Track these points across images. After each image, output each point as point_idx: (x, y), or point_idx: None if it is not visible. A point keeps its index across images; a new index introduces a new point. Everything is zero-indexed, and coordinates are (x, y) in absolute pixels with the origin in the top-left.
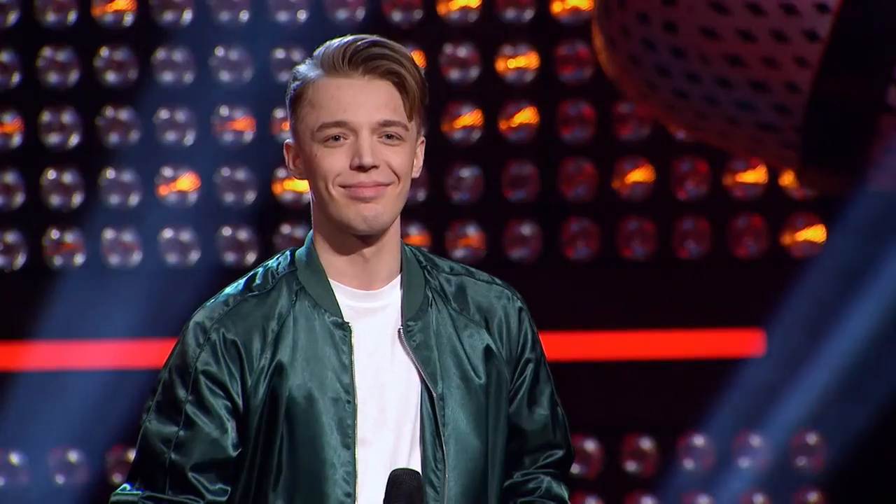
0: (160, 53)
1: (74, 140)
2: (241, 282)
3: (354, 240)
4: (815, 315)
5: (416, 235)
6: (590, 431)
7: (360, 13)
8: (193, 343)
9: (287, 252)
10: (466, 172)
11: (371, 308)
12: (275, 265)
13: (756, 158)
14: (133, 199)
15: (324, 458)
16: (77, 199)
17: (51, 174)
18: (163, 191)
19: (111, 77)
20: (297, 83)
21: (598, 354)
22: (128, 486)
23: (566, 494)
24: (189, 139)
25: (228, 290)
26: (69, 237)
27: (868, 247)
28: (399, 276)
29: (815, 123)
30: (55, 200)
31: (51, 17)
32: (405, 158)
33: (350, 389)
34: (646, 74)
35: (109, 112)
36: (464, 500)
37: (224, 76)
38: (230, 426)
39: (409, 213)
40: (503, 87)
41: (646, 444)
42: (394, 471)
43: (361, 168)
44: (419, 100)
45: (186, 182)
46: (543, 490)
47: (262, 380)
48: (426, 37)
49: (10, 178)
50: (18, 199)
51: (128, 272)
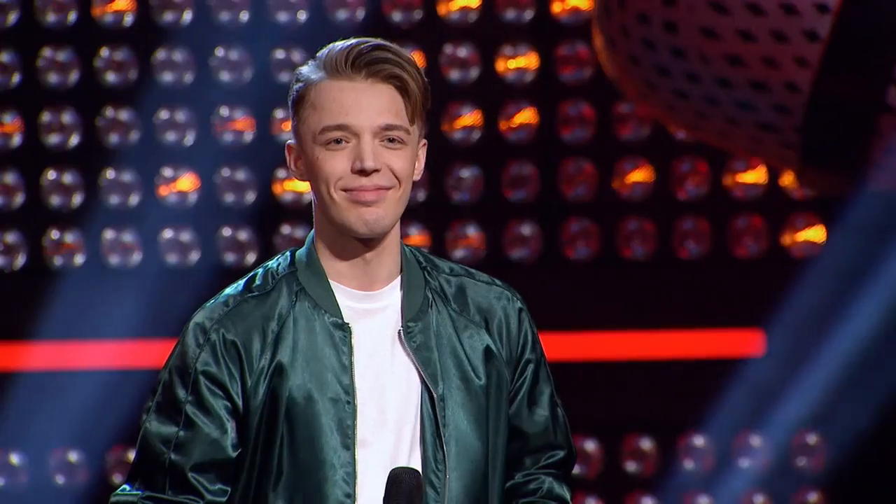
0: (160, 53)
1: (74, 140)
2: (241, 282)
3: (355, 242)
4: (815, 315)
5: (416, 236)
6: (590, 431)
7: (360, 13)
8: (193, 343)
9: (287, 253)
10: (466, 172)
11: (371, 309)
12: (275, 266)
13: (756, 158)
14: (133, 199)
15: (324, 459)
16: (77, 199)
17: (51, 174)
18: (163, 191)
19: (111, 77)
20: (300, 85)
21: (598, 354)
22: (128, 487)
23: (568, 495)
24: (189, 139)
25: (228, 291)
26: (69, 237)
27: (868, 247)
28: (399, 278)
29: (815, 123)
30: (55, 200)
31: (51, 17)
32: (407, 162)
33: (350, 390)
34: (646, 74)
35: (109, 112)
36: (465, 501)
37: (224, 76)
38: (230, 427)
39: (409, 214)
40: (503, 87)
41: (646, 444)
42: (393, 469)
43: (363, 172)
44: (421, 104)
45: (186, 182)
46: (545, 491)
47: (262, 380)
48: (426, 37)
49: (10, 178)
50: (18, 199)
51: (128, 272)
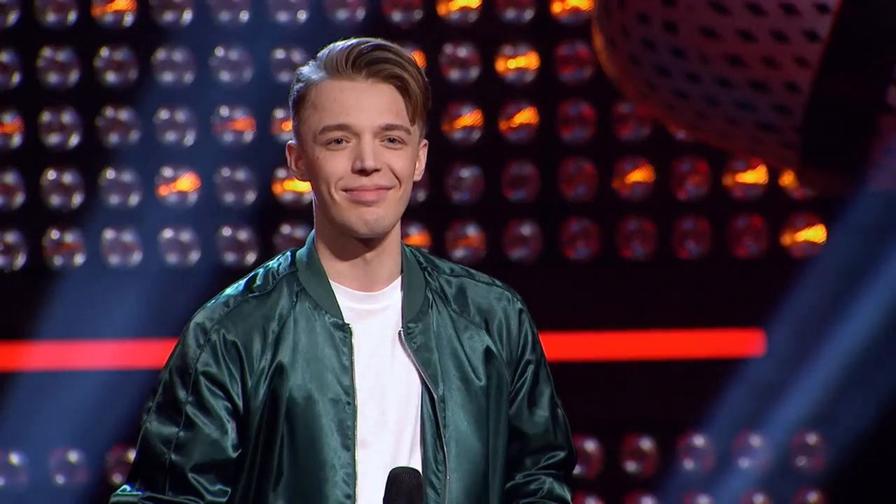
0: (160, 53)
1: (74, 140)
2: (242, 282)
3: (356, 242)
4: (815, 315)
5: (416, 236)
6: (590, 431)
7: (360, 13)
8: (194, 344)
9: (288, 253)
10: (466, 172)
11: (371, 310)
12: (275, 266)
13: (756, 158)
14: (133, 199)
15: (324, 460)
16: (77, 199)
17: (51, 174)
18: (163, 191)
19: (111, 77)
20: (301, 85)
21: (598, 354)
22: (128, 487)
23: (568, 496)
24: (189, 139)
25: (229, 291)
26: (69, 237)
27: (868, 247)
28: (399, 278)
29: (815, 123)
30: (55, 200)
31: (51, 17)
32: (407, 162)
33: (350, 391)
34: (646, 74)
35: (109, 112)
36: (465, 502)
37: (224, 76)
38: (230, 427)
39: (409, 214)
40: (503, 87)
41: (646, 444)
42: (393, 469)
43: (363, 171)
44: (422, 104)
45: (186, 182)
46: (545, 491)
47: (263, 381)
48: (426, 37)
49: (10, 178)
50: (18, 199)
51: (128, 272)
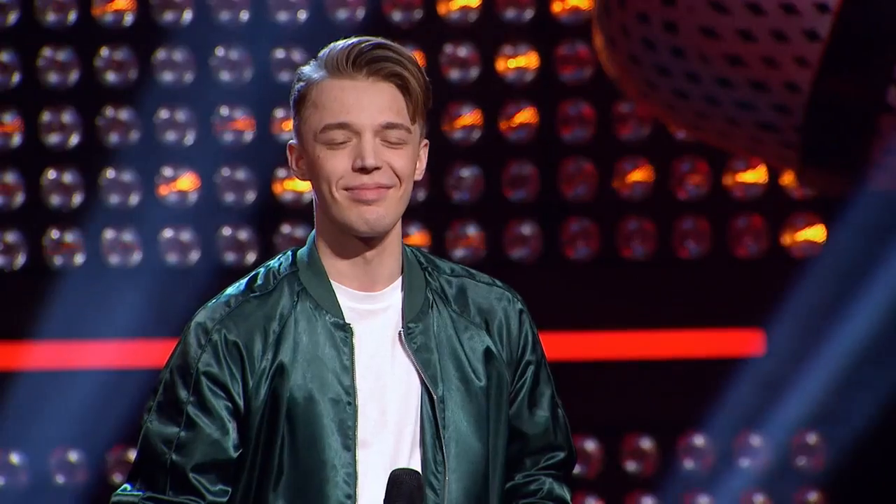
0: (160, 53)
1: (74, 140)
2: (243, 282)
3: (356, 241)
4: (815, 315)
5: (416, 235)
6: (590, 431)
7: (360, 13)
8: (195, 344)
9: (288, 252)
10: (466, 172)
11: (372, 310)
12: (276, 265)
13: (756, 158)
14: (133, 199)
15: (324, 460)
16: (77, 199)
17: (51, 174)
18: (163, 191)
19: (111, 77)
20: (301, 84)
21: (598, 354)
22: (128, 487)
23: (568, 496)
24: (189, 139)
25: (230, 291)
26: (69, 237)
27: (868, 247)
28: (400, 278)
29: (815, 123)
30: (55, 200)
31: (51, 17)
32: (408, 161)
33: (351, 391)
34: (646, 74)
35: (109, 112)
36: (464, 503)
37: (224, 76)
38: (231, 427)
39: (410, 213)
40: (503, 87)
41: (646, 444)
42: (394, 471)
43: (364, 170)
44: (422, 103)
45: (186, 182)
46: (545, 492)
47: (264, 381)
48: (426, 37)
49: (10, 178)
50: (18, 199)
51: (128, 272)
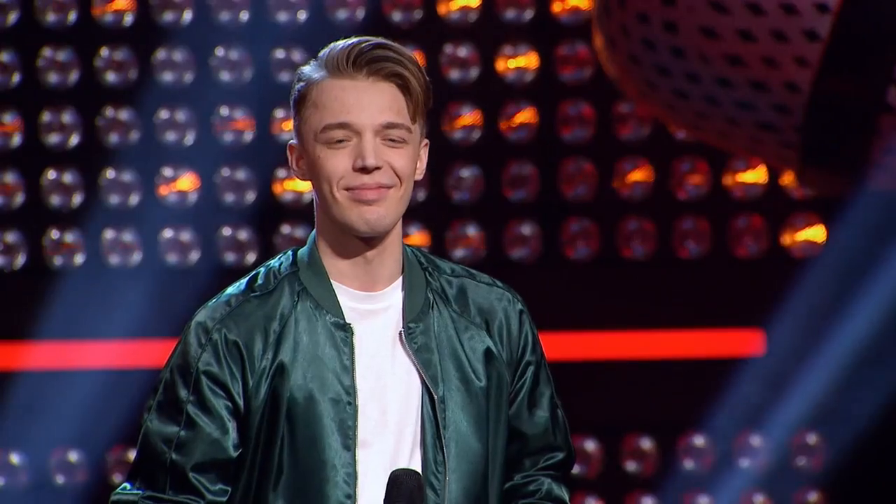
0: (160, 53)
1: (74, 140)
2: (243, 282)
3: (357, 241)
4: (816, 315)
5: (416, 236)
6: (590, 431)
7: (360, 13)
8: (195, 343)
9: (289, 252)
10: (466, 172)
11: (372, 310)
12: (277, 265)
13: (756, 158)
14: (133, 199)
15: (324, 460)
16: (77, 199)
17: (51, 174)
18: (163, 191)
19: (111, 77)
20: (301, 84)
21: (598, 354)
22: (128, 486)
23: (567, 496)
24: (189, 139)
25: (230, 290)
26: (69, 237)
27: (868, 247)
28: (400, 278)
29: (815, 123)
30: (55, 200)
31: (51, 17)
32: (408, 161)
33: (351, 391)
34: (646, 74)
35: (109, 112)
36: (464, 503)
37: (224, 76)
38: (231, 426)
39: (410, 213)
40: (503, 87)
41: (646, 444)
42: (394, 471)
43: (364, 170)
44: (423, 102)
45: (186, 182)
46: (544, 492)
47: (264, 380)
48: (426, 37)
49: (10, 178)
50: (18, 199)
51: (128, 272)
